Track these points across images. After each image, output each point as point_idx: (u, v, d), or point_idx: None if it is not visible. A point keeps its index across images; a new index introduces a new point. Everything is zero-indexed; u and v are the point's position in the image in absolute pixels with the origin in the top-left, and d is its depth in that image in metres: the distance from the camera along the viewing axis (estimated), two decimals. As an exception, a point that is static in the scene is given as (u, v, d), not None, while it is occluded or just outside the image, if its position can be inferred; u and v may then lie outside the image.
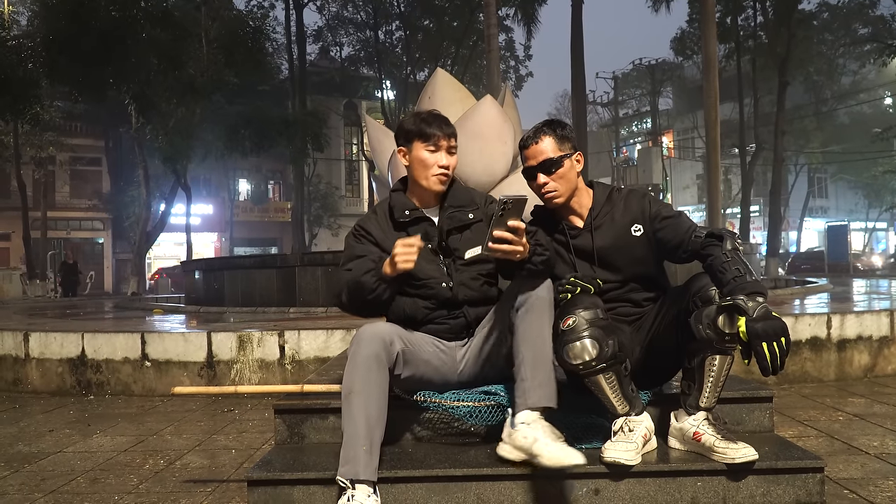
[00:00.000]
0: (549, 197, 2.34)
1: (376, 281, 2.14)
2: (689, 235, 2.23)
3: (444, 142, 2.30)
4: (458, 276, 2.29)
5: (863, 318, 4.61)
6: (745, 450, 2.07)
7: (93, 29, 15.45)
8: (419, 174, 2.32)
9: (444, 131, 2.30)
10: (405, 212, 2.34)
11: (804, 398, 3.97)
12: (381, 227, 2.35)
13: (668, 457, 2.20)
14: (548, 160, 2.31)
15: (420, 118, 2.34)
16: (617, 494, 2.11)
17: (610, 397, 2.17)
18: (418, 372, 2.25)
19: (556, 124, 2.38)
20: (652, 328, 2.29)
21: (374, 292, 2.15)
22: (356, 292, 2.18)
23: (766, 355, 1.87)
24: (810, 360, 4.48)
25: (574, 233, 2.38)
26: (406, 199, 2.37)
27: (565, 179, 2.32)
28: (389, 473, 2.09)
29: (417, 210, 2.35)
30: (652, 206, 2.36)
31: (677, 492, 2.11)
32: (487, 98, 6.16)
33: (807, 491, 2.11)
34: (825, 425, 3.30)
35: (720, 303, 2.02)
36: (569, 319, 2.10)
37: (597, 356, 2.08)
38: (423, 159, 2.30)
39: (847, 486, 2.39)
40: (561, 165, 2.31)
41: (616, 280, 2.36)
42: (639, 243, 2.33)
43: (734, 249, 2.08)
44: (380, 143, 6.80)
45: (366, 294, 2.16)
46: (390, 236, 2.29)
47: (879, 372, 4.61)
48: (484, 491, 2.11)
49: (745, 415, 2.48)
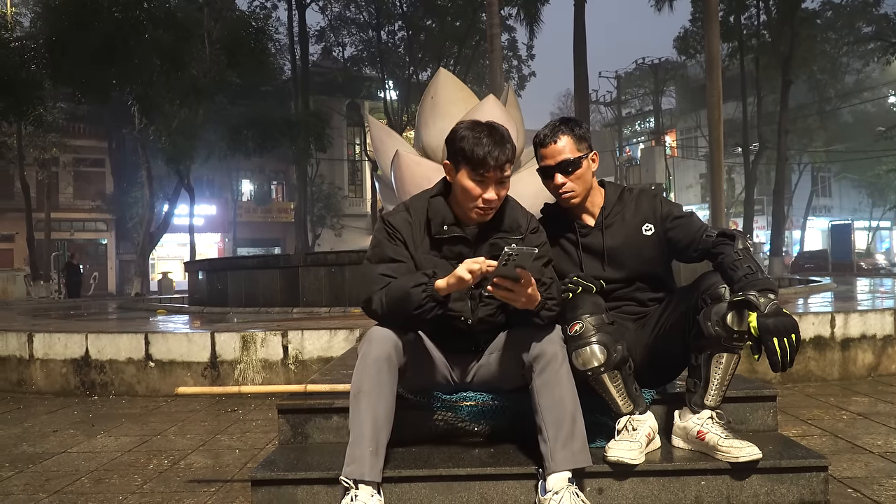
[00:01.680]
0: (567, 197, 2.32)
1: (426, 297, 1.96)
2: (700, 234, 2.24)
3: (494, 173, 2.05)
4: (480, 311, 2.20)
5: (866, 317, 4.60)
6: (749, 449, 2.07)
7: (95, 30, 15.50)
8: (460, 198, 2.13)
9: (498, 161, 2.04)
10: (443, 227, 2.16)
11: (808, 397, 3.96)
12: (414, 235, 2.17)
13: (672, 456, 2.20)
14: (566, 160, 2.28)
15: (475, 136, 2.06)
16: (620, 493, 2.11)
17: (614, 396, 2.17)
18: (423, 374, 2.24)
19: (574, 123, 2.35)
20: (657, 326, 2.29)
21: (421, 308, 1.97)
22: (400, 303, 1.99)
23: (776, 351, 1.89)
24: (814, 360, 4.47)
25: (585, 231, 2.37)
26: (447, 210, 2.17)
27: (582, 180, 2.31)
28: (393, 473, 2.09)
29: (456, 227, 2.17)
30: (663, 206, 2.36)
31: (681, 491, 2.11)
32: (490, 98, 6.17)
33: (811, 490, 2.11)
34: (829, 424, 3.29)
35: (732, 298, 2.03)
36: (576, 325, 2.10)
37: (605, 361, 2.09)
38: (468, 189, 2.08)
39: (851, 484, 2.38)
40: (579, 166, 2.29)
41: (623, 279, 2.36)
42: (649, 243, 2.33)
43: (745, 249, 2.10)
44: (382, 143, 6.81)
45: (411, 308, 1.98)
46: (421, 249, 2.16)
47: (883, 371, 4.60)
48: (487, 490, 2.11)
49: (748, 414, 2.47)
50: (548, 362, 2.05)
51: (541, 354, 2.06)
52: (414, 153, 6.34)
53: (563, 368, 2.07)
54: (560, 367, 2.06)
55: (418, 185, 2.66)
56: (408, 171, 5.86)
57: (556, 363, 2.06)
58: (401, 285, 2.01)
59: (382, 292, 2.03)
